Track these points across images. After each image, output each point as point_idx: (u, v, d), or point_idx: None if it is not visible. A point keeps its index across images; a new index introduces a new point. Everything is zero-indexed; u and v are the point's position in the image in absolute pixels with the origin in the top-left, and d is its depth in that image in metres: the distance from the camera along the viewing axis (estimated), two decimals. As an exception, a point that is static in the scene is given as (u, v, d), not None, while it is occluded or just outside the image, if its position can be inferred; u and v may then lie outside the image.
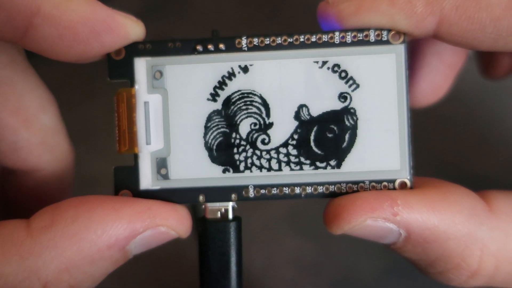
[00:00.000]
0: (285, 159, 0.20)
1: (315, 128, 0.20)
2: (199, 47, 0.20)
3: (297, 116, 0.20)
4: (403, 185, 0.20)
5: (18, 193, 0.24)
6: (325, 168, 0.20)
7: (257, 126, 0.20)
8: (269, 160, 0.20)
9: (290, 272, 0.32)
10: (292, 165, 0.20)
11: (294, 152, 0.20)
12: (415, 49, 0.26)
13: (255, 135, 0.20)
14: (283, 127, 0.20)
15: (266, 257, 0.32)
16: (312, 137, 0.20)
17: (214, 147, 0.20)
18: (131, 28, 0.20)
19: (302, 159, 0.20)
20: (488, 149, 0.33)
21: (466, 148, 0.33)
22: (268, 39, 0.20)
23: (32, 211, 0.22)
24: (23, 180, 0.23)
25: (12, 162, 0.23)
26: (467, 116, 0.33)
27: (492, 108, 0.33)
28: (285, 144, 0.20)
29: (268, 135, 0.20)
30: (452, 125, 0.33)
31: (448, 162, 0.32)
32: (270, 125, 0.20)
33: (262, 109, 0.20)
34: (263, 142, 0.20)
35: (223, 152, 0.20)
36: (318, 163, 0.20)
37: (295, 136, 0.20)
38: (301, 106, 0.20)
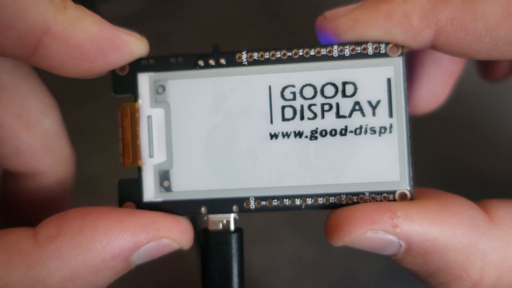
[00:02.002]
0: (286, 171, 0.20)
1: (315, 140, 0.20)
2: (201, 62, 0.21)
3: (297, 128, 0.20)
4: (403, 196, 0.20)
5: (19, 196, 0.24)
6: (325, 179, 0.20)
7: (258, 138, 0.20)
8: (269, 172, 0.20)
9: (290, 272, 0.32)
10: (293, 177, 0.20)
11: (295, 164, 0.20)
12: (415, 57, 0.26)
13: (256, 147, 0.20)
14: (283, 139, 0.20)
15: (266, 257, 0.32)
16: (312, 149, 0.20)
17: (216, 159, 0.20)
18: (136, 46, 0.20)
19: (302, 171, 0.20)
20: (491, 149, 0.33)
21: (469, 147, 0.33)
22: (267, 53, 0.20)
23: (33, 214, 0.23)
24: (25, 184, 0.24)
25: (14, 165, 0.23)
26: (469, 116, 0.33)
27: (494, 108, 0.34)
28: (285, 156, 0.20)
29: (269, 147, 0.20)
30: (454, 125, 0.33)
31: (451, 162, 0.33)
32: (271, 137, 0.20)
33: (263, 121, 0.20)
34: (264, 154, 0.20)
35: (224, 164, 0.20)
36: (318, 175, 0.20)
37: (296, 148, 0.20)
38: (302, 118, 0.20)
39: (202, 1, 0.38)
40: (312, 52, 0.20)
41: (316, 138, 0.20)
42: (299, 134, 0.20)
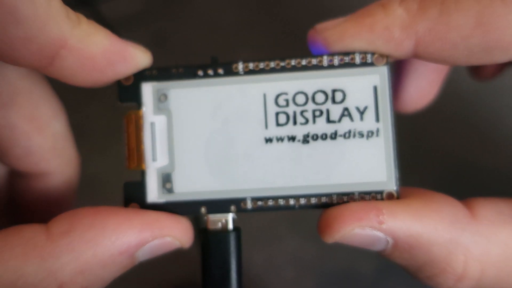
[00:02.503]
0: (280, 172, 0.21)
1: (307, 144, 0.21)
2: (200, 72, 0.21)
3: (290, 132, 0.21)
4: (390, 196, 0.20)
5: (27, 196, 0.25)
6: (317, 180, 0.21)
7: (254, 143, 0.21)
8: (265, 174, 0.21)
9: (290, 272, 0.32)
10: (287, 178, 0.21)
11: (288, 166, 0.21)
12: None
13: (252, 151, 0.21)
14: (278, 143, 0.21)
15: (266, 257, 0.32)
16: (305, 152, 0.21)
17: (215, 162, 0.21)
18: (141, 58, 0.21)
19: (296, 173, 0.21)
20: (490, 146, 0.33)
21: (468, 145, 0.33)
22: (262, 63, 0.21)
23: (39, 214, 0.24)
24: (33, 184, 0.24)
25: (24, 166, 0.24)
26: (468, 114, 0.34)
27: (492, 106, 0.34)
28: (279, 159, 0.21)
29: (264, 151, 0.21)
30: (453, 123, 0.34)
31: (449, 159, 0.33)
32: (266, 141, 0.21)
33: (259, 127, 0.21)
34: (259, 157, 0.21)
35: (223, 167, 0.21)
36: (310, 176, 0.21)
37: (289, 151, 0.21)
38: (294, 123, 0.21)
39: (202, 1, 0.38)
40: (303, 62, 0.21)
41: (308, 142, 0.21)
42: (292, 138, 0.21)
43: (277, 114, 0.21)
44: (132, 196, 0.21)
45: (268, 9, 0.37)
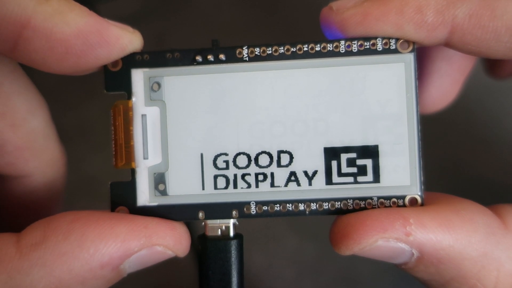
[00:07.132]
0: (291, 175, 0.19)
1: (317, 142, 0.19)
2: (199, 58, 0.19)
3: (299, 129, 0.19)
4: (413, 202, 0.19)
5: (6, 199, 0.23)
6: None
7: (259, 140, 0.19)
8: (272, 175, 0.19)
9: (290, 272, 0.31)
10: (299, 181, 0.19)
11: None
12: (424, 53, 0.25)
13: (257, 149, 0.19)
14: (285, 140, 0.19)
15: (266, 257, 0.31)
16: (315, 151, 0.19)
17: (214, 161, 0.19)
18: (128, 40, 0.19)
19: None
20: (491, 152, 0.32)
21: (469, 151, 0.32)
22: (270, 48, 0.19)
23: (21, 218, 0.22)
24: (11, 187, 0.23)
25: None
26: (469, 119, 0.33)
27: (494, 111, 0.33)
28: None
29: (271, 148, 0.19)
30: (452, 127, 0.33)
31: (450, 165, 0.32)
32: (273, 138, 0.19)
33: (265, 121, 0.19)
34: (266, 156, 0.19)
35: (223, 167, 0.19)
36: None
37: (297, 148, 0.19)
38: (304, 120, 0.19)
39: (201, 1, 0.37)
40: (317, 48, 0.19)
41: (318, 138, 0.19)
42: (300, 134, 0.19)
43: (286, 106, 0.19)
44: (120, 198, 0.20)
45: (268, 9, 0.37)
